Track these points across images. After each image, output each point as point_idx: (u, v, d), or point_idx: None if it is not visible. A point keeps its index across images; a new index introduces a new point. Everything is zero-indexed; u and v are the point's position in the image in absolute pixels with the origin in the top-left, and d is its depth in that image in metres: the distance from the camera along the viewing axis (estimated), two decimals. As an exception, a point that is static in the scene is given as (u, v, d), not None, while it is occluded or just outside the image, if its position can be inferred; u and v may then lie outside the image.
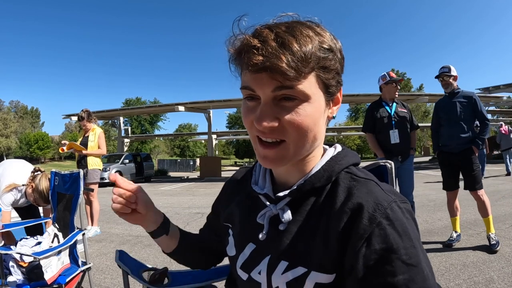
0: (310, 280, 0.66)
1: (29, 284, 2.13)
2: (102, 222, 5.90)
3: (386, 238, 0.59)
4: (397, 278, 0.57)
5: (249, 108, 0.68)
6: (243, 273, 0.80)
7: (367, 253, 0.59)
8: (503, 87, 19.69)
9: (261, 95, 0.65)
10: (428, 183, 10.31)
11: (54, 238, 2.55)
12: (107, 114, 23.69)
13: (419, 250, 0.60)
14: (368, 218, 0.61)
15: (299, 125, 0.65)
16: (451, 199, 4.06)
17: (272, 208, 0.75)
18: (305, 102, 0.65)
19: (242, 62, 0.65)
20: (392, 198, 0.65)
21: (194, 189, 13.33)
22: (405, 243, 0.59)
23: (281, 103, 0.64)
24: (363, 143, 62.07)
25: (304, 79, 0.63)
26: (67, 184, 2.67)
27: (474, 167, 3.81)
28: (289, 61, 0.60)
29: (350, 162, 0.75)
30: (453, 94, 3.98)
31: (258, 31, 0.64)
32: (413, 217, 0.65)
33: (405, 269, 0.57)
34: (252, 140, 0.71)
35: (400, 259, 0.57)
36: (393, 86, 4.13)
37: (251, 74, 0.63)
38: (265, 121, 0.64)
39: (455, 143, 3.91)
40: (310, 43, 0.63)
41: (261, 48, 0.61)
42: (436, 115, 4.21)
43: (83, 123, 5.51)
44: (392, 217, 0.61)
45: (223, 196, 1.00)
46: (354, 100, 22.15)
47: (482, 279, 2.83)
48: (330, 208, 0.68)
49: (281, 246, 0.72)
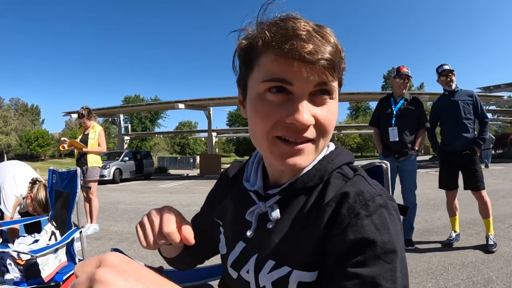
0: (293, 279, 0.64)
1: (26, 282, 2.12)
2: (101, 220, 5.89)
3: (362, 229, 0.57)
4: (365, 269, 0.54)
5: (275, 104, 0.62)
6: (233, 271, 0.79)
7: (340, 241, 0.58)
8: (503, 86, 19.68)
9: (299, 88, 0.60)
10: (428, 182, 10.30)
11: (51, 236, 2.54)
12: (107, 111, 23.69)
13: (398, 248, 0.57)
14: (347, 208, 0.60)
15: (331, 123, 0.64)
16: (451, 199, 4.04)
17: (261, 205, 0.74)
18: (333, 100, 0.64)
19: (288, 49, 0.58)
20: (376, 191, 0.63)
21: (194, 186, 13.34)
22: (382, 237, 0.56)
23: (314, 99, 0.62)
24: (363, 141, 62.10)
25: (336, 77, 0.62)
26: (65, 181, 2.66)
27: (477, 168, 3.79)
28: (333, 57, 0.59)
29: (343, 161, 0.73)
30: (453, 93, 3.95)
31: (296, 19, 0.61)
32: (398, 216, 0.63)
33: (376, 262, 0.55)
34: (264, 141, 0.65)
35: (374, 252, 0.55)
36: (399, 81, 4.03)
37: (296, 64, 0.58)
38: (307, 117, 0.60)
39: (459, 142, 3.87)
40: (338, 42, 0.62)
41: (309, 38, 0.58)
42: (435, 114, 4.17)
43: (83, 121, 5.50)
44: (372, 209, 0.59)
45: (218, 189, 0.97)
46: (354, 98, 22.16)
47: (481, 279, 2.83)
48: (318, 207, 0.66)
49: (269, 245, 0.70)
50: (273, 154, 0.66)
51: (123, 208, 7.88)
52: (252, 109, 0.66)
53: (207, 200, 1.01)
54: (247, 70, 0.68)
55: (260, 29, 0.63)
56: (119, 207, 7.97)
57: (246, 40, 0.67)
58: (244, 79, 0.70)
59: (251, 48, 0.66)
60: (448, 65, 3.94)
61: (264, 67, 0.62)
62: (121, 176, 17.55)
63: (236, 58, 0.72)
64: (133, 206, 8.19)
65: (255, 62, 0.65)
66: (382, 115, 4.12)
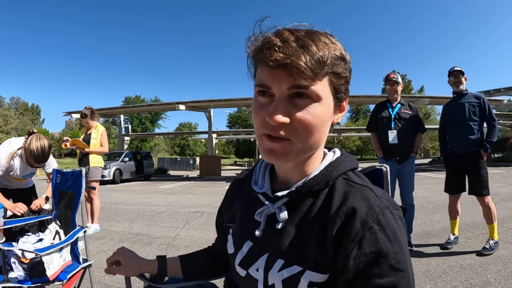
0: (305, 278, 0.69)
1: (31, 280, 2.14)
2: (102, 220, 5.92)
3: (377, 242, 0.62)
4: (384, 280, 0.60)
5: (261, 105, 0.69)
6: (241, 269, 0.83)
7: (358, 255, 0.63)
8: (503, 90, 19.69)
9: (276, 92, 0.66)
10: (428, 185, 10.32)
11: (55, 235, 2.57)
12: (107, 112, 23.69)
13: (407, 257, 0.64)
14: (361, 222, 0.65)
15: (309, 124, 0.67)
16: (453, 202, 4.02)
17: (270, 206, 0.78)
18: (317, 103, 0.67)
19: (261, 58, 0.66)
20: (385, 204, 0.68)
21: (194, 188, 13.35)
22: (394, 248, 0.62)
23: (294, 100, 0.67)
24: (363, 144, 62.10)
25: (318, 81, 0.66)
26: (69, 182, 2.69)
27: (482, 172, 3.73)
28: (307, 61, 0.63)
29: (348, 167, 0.78)
30: (461, 95, 3.95)
31: (280, 32, 0.67)
32: (404, 224, 0.69)
33: (392, 272, 0.61)
34: (258, 139, 0.72)
35: (389, 263, 0.61)
36: (389, 88, 4.17)
37: (269, 71, 0.66)
38: (278, 116, 0.65)
39: (461, 144, 3.85)
40: (326, 49, 0.66)
41: (282, 46, 0.64)
42: (443, 118, 4.20)
43: (86, 121, 5.52)
44: (384, 223, 0.64)
45: (227, 199, 1.02)
46: (355, 101, 22.17)
47: (479, 281, 2.85)
48: (326, 211, 0.71)
49: (278, 245, 0.75)
50: (261, 148, 0.72)
51: (123, 208, 7.90)
52: (251, 109, 0.73)
53: (218, 212, 1.07)
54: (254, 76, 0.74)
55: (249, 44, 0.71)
56: (119, 208, 8.00)
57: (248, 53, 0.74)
58: None
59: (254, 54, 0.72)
60: (460, 67, 3.94)
61: (257, 74, 0.70)
62: (121, 176, 17.55)
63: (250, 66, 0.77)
64: (133, 206, 8.21)
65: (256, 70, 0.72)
66: (380, 120, 4.15)
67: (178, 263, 1.07)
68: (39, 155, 2.86)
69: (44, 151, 2.88)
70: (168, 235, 5.06)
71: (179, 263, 1.07)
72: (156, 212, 7.20)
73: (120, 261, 1.08)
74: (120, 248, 1.12)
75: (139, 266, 1.07)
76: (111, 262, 1.09)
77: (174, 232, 5.23)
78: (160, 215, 6.80)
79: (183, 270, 1.07)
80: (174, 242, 4.61)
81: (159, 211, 7.40)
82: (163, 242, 4.62)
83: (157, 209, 7.72)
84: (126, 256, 1.08)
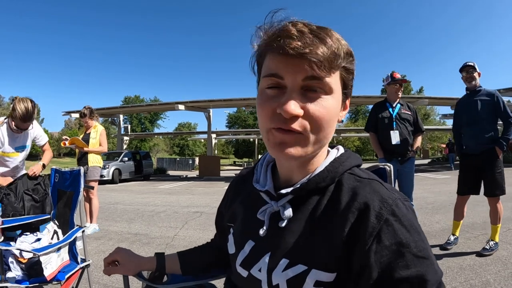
0: (310, 277, 0.67)
1: (28, 280, 2.13)
2: (100, 220, 5.90)
3: (395, 233, 0.61)
4: (411, 271, 0.58)
5: (269, 97, 0.67)
6: (243, 270, 0.81)
7: (378, 249, 0.61)
8: (503, 91, 19.69)
9: (289, 82, 0.65)
10: (427, 186, 10.32)
11: (53, 235, 2.56)
12: (107, 111, 23.68)
13: (427, 244, 0.62)
14: (376, 216, 0.63)
15: (322, 117, 0.66)
16: (462, 203, 3.94)
17: (274, 204, 0.76)
18: (329, 96, 0.67)
19: (278, 46, 0.63)
20: (396, 196, 0.67)
21: (193, 188, 13.32)
22: (414, 237, 0.61)
23: (307, 93, 0.66)
24: (363, 145, 62.06)
25: (332, 73, 0.66)
26: (68, 181, 2.67)
27: (496, 171, 3.63)
28: (325, 52, 0.63)
29: (353, 163, 0.76)
30: (474, 92, 3.82)
31: (294, 22, 0.66)
32: (415, 214, 0.68)
33: (417, 261, 0.59)
34: (265, 134, 0.69)
35: (411, 252, 0.59)
36: (395, 87, 4.10)
37: (284, 60, 0.64)
38: (293, 107, 0.63)
39: (475, 142, 3.75)
40: (339, 43, 0.66)
41: (299, 36, 0.63)
42: (456, 115, 4.09)
43: (85, 120, 5.51)
44: (398, 213, 0.63)
45: (227, 198, 1.01)
46: (354, 101, 22.14)
47: (479, 282, 2.85)
48: (334, 208, 0.69)
49: (282, 244, 0.73)
50: (270, 143, 0.69)
51: (122, 208, 7.88)
52: (257, 104, 0.71)
53: (218, 212, 1.06)
54: (259, 71, 0.73)
55: (262, 33, 0.69)
56: (118, 208, 7.98)
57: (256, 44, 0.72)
58: (258, 80, 0.74)
59: (259, 51, 0.71)
60: (473, 62, 3.83)
61: (265, 66, 0.68)
62: (120, 176, 17.53)
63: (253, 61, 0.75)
64: (132, 206, 8.19)
65: (262, 63, 0.70)
66: (380, 120, 4.12)
67: (177, 259, 1.07)
68: (23, 113, 2.99)
69: (28, 109, 3.02)
70: (167, 235, 5.04)
71: (178, 259, 1.07)
72: (155, 212, 7.19)
73: (118, 261, 1.07)
74: (116, 248, 1.11)
75: (138, 264, 1.06)
76: (109, 262, 1.08)
77: (173, 232, 5.21)
78: (159, 215, 6.78)
79: (182, 266, 1.07)
80: (173, 242, 4.59)
81: (158, 211, 7.39)
82: (162, 242, 4.60)
83: (156, 209, 7.71)
84: (124, 255, 1.08)
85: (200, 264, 1.09)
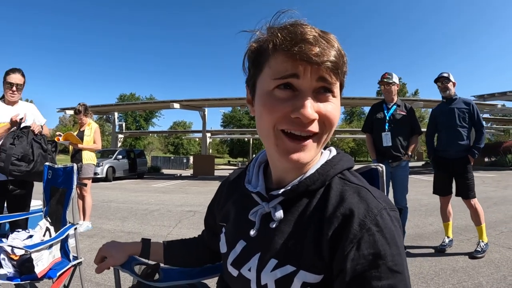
0: (298, 278, 0.67)
1: (20, 277, 2.11)
2: (94, 218, 5.87)
3: (375, 244, 0.61)
4: (382, 283, 0.59)
5: (280, 99, 0.66)
6: (233, 269, 0.82)
7: (355, 257, 0.61)
8: (497, 95, 19.85)
9: (304, 85, 0.65)
10: (421, 188, 10.37)
11: (45, 232, 2.53)
12: (101, 109, 23.55)
13: (404, 259, 0.63)
14: (359, 223, 0.63)
15: (333, 118, 0.68)
16: (444, 204, 4.09)
17: (265, 206, 0.76)
18: (335, 98, 0.69)
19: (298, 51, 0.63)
20: (382, 206, 0.67)
21: (187, 187, 13.32)
22: (392, 250, 0.61)
23: (319, 96, 0.67)
24: (357, 146, 62.33)
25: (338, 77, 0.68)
26: (61, 178, 2.65)
27: (469, 176, 3.84)
28: (337, 59, 0.64)
29: (345, 166, 0.77)
30: (451, 100, 4.02)
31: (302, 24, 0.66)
32: (400, 225, 0.68)
33: (390, 275, 0.60)
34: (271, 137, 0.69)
35: (387, 265, 0.60)
36: (383, 88, 4.15)
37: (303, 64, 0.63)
38: (310, 111, 0.64)
39: (453, 150, 3.93)
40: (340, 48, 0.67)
41: (315, 41, 0.63)
42: (432, 121, 4.25)
43: (80, 117, 5.49)
44: (381, 224, 0.63)
45: (218, 197, 1.01)
46: (349, 103, 22.24)
47: (471, 284, 2.86)
48: (322, 211, 0.69)
49: (271, 244, 0.73)
50: (278, 148, 0.69)
51: (116, 206, 7.85)
52: (261, 105, 0.70)
53: (208, 210, 1.09)
54: (257, 70, 0.72)
55: (271, 33, 0.68)
56: (112, 206, 7.94)
57: (256, 43, 0.71)
58: (253, 79, 0.73)
59: (261, 50, 0.70)
60: (447, 73, 4.01)
61: (274, 67, 0.67)
62: (114, 174, 17.46)
63: (246, 59, 0.75)
64: (126, 204, 8.15)
65: (265, 63, 0.69)
66: (375, 121, 4.14)
67: (162, 246, 1.13)
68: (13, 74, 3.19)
69: (15, 70, 3.25)
70: (160, 234, 5.02)
71: (162, 247, 1.13)
72: (149, 211, 7.16)
73: (106, 255, 1.10)
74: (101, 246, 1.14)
75: (124, 250, 1.11)
76: (98, 261, 1.11)
77: (166, 231, 5.20)
78: (153, 214, 6.76)
79: (165, 255, 1.13)
80: (167, 241, 4.56)
81: (152, 209, 7.36)
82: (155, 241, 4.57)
83: (149, 207, 7.68)
84: (108, 248, 1.11)
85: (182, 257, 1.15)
